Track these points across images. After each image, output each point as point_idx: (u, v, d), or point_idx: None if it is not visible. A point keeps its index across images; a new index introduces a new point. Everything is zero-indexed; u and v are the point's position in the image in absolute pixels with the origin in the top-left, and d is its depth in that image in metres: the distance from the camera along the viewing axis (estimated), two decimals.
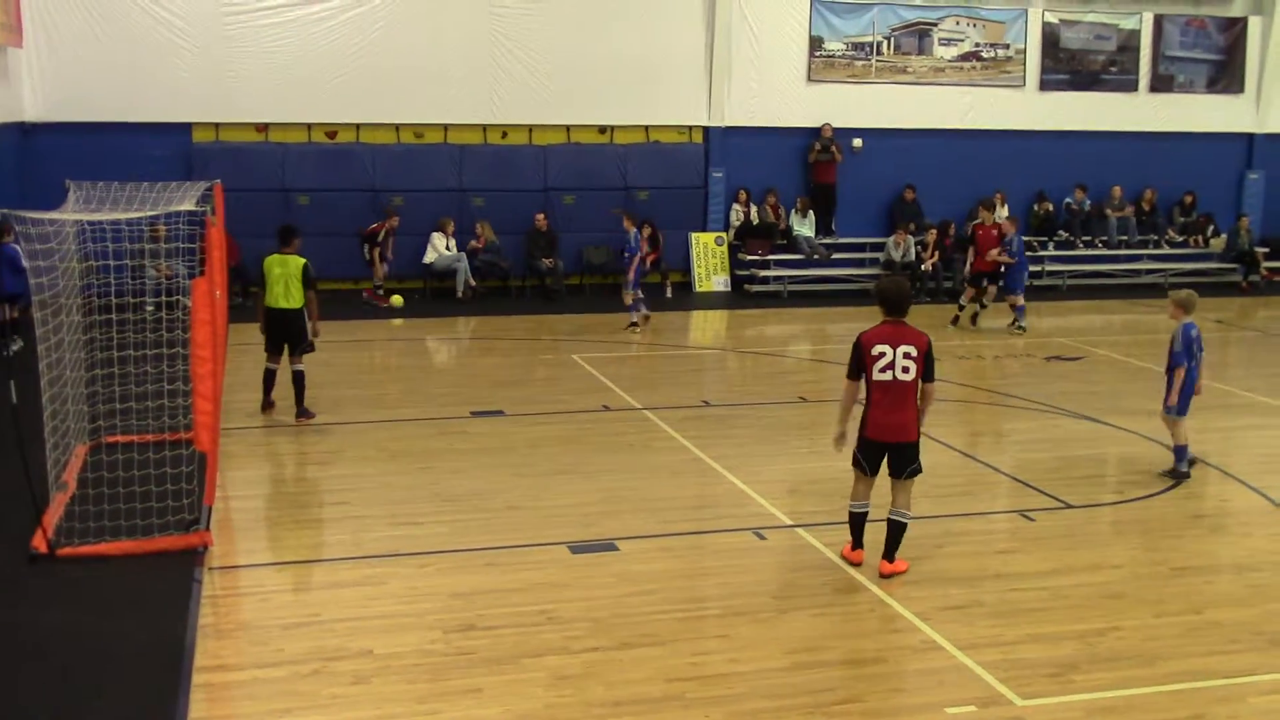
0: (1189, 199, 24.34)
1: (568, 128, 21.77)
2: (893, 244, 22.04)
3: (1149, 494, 10.65)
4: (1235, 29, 24.30)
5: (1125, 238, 23.75)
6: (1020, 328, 18.29)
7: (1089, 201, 23.72)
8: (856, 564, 8.65)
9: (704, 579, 8.81)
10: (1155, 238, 24.01)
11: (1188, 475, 11.02)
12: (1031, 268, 22.27)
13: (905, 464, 8.46)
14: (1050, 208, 23.56)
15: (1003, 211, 22.75)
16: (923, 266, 21.80)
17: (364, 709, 6.57)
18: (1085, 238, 23.51)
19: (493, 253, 20.96)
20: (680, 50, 21.81)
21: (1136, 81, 24.03)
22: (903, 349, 8.25)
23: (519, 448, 11.79)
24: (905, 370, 8.26)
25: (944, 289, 21.86)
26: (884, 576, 8.43)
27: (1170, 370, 11.01)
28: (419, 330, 18.47)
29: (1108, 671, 7.15)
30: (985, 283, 18.56)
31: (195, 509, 9.06)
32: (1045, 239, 23.43)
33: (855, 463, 8.63)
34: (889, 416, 8.34)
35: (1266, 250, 23.90)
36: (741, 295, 21.84)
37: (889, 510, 8.55)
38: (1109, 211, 23.78)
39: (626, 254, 18.27)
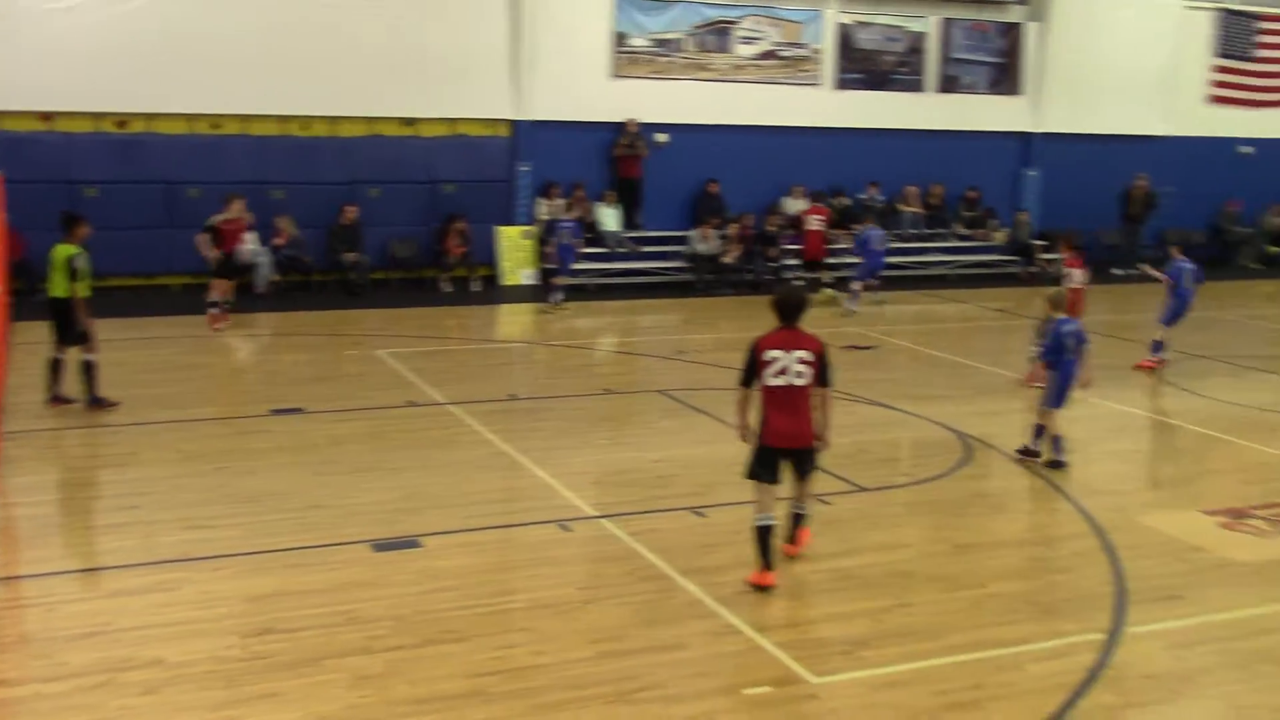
0: (973, 194, 25.51)
1: (371, 120, 21.41)
2: (698, 237, 22.43)
3: (938, 475, 11.16)
4: (1013, 34, 25.59)
5: (916, 231, 24.77)
6: (850, 310, 19.97)
7: (882, 197, 24.62)
8: (767, 587, 8.16)
9: (508, 573, 8.83)
10: (943, 231, 25.11)
11: (1064, 464, 11.33)
12: (828, 260, 23.11)
13: (806, 467, 8.48)
14: (847, 202, 24.35)
15: (799, 204, 23.45)
16: (725, 259, 22.25)
17: None
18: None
19: (295, 247, 20.46)
20: (485, 43, 21.68)
21: (924, 82, 25.07)
22: (797, 354, 8.15)
23: (320, 446, 11.56)
24: (799, 375, 8.16)
25: (746, 281, 22.38)
26: (791, 557, 8.62)
27: (1047, 366, 11.40)
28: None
29: (896, 646, 7.48)
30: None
31: None
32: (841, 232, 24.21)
33: (752, 475, 8.33)
34: (786, 423, 8.20)
35: (1044, 243, 25.26)
36: (549, 289, 21.87)
37: (791, 504, 8.64)
38: (900, 206, 24.75)
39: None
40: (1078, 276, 14.80)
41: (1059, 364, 11.28)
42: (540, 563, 8.84)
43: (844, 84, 24.36)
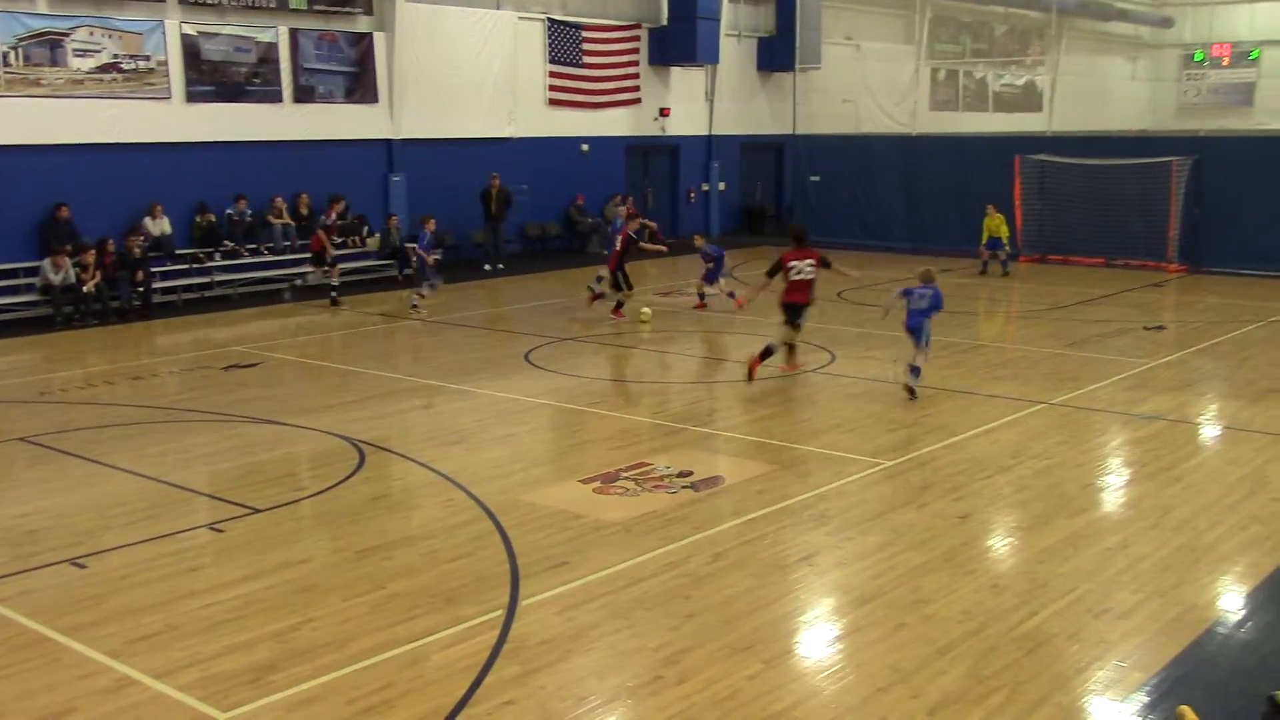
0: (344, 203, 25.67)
1: None
2: (50, 267, 20.57)
3: (331, 485, 11.15)
4: (364, 44, 26.03)
5: (289, 243, 24.49)
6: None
7: (250, 211, 24.06)
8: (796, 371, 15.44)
9: None
10: None
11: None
12: (199, 280, 22.32)
13: (802, 318, 15.06)
14: (213, 218, 23.54)
15: (162, 223, 22.31)
16: (85, 289, 20.62)
17: None
18: (250, 245, 23.84)
19: None
20: None
21: (281, 92, 24.78)
22: (807, 261, 14.90)
23: None
24: (809, 273, 14.90)
25: (111, 309, 20.94)
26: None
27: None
28: None
29: (304, 664, 7.38)
30: None
31: None
32: (211, 250, 23.38)
33: (786, 322, 15.00)
34: (798, 293, 14.94)
35: (414, 245, 26.01)
36: None
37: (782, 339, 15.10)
38: (270, 218, 24.35)
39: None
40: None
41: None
42: None
43: (195, 96, 23.43)
